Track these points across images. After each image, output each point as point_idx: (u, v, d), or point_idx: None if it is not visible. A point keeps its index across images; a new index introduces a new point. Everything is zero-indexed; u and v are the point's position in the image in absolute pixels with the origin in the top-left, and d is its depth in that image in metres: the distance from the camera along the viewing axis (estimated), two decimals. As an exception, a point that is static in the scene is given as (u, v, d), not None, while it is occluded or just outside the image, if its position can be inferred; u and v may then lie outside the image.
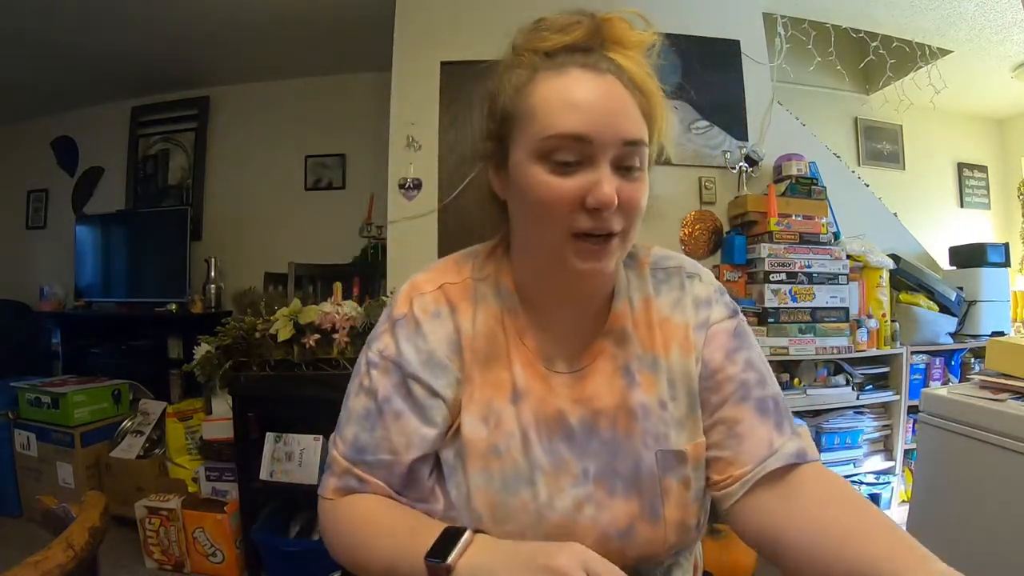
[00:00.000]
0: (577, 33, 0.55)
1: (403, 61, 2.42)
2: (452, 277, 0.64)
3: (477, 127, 0.64)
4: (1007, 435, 1.16)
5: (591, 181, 0.53)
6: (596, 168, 0.53)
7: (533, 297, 0.63)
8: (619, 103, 0.54)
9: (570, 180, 0.53)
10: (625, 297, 0.65)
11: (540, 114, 0.54)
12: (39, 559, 0.53)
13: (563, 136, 0.53)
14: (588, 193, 0.53)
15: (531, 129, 0.55)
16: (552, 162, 0.54)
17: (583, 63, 0.54)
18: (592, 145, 0.53)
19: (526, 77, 0.56)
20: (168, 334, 3.03)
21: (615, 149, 0.53)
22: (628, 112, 0.54)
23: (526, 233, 0.60)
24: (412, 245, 2.35)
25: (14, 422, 2.40)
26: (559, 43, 0.55)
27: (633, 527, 0.58)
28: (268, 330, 1.85)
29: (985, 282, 2.41)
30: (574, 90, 0.53)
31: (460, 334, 0.61)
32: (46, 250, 3.73)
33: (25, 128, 3.77)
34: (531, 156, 0.55)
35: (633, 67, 0.56)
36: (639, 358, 0.62)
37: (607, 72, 0.54)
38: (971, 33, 2.81)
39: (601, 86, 0.54)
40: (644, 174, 0.57)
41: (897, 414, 2.26)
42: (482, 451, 0.58)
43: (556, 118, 0.53)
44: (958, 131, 3.69)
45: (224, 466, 1.94)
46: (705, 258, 2.43)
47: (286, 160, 3.44)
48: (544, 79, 0.55)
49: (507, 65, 0.59)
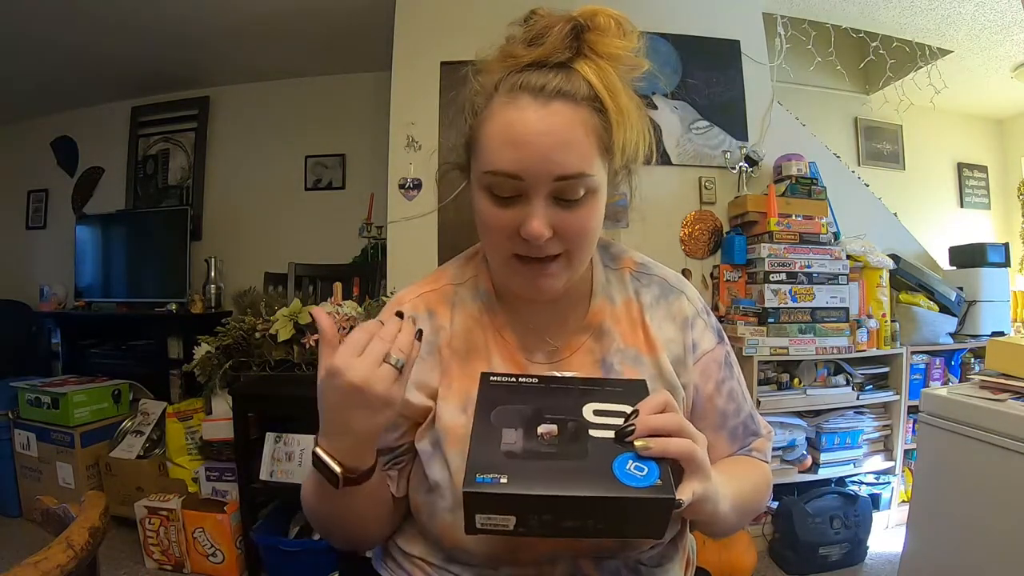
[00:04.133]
0: (546, 46, 0.56)
1: (403, 61, 2.42)
2: (431, 286, 0.70)
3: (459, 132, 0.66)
4: (1007, 435, 1.16)
5: (524, 214, 0.56)
6: (529, 203, 0.56)
7: (508, 297, 0.68)
8: (560, 135, 0.55)
9: (507, 211, 0.57)
10: (604, 296, 0.68)
11: (484, 149, 0.58)
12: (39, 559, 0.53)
13: (497, 174, 0.56)
14: (521, 225, 0.56)
15: (478, 161, 0.59)
16: (492, 194, 0.58)
17: (535, 85, 0.55)
18: (524, 183, 0.55)
19: (483, 102, 0.59)
20: (168, 334, 3.03)
21: (547, 186, 0.55)
22: (570, 143, 0.55)
23: (484, 246, 0.65)
24: (412, 245, 2.35)
25: (14, 422, 2.40)
26: (526, 60, 0.56)
27: None
28: (268, 330, 1.85)
29: (985, 282, 2.41)
30: (516, 127, 0.55)
31: (438, 334, 0.66)
32: (46, 250, 3.73)
33: (25, 128, 3.77)
34: (477, 184, 0.59)
35: (598, 81, 0.56)
36: (620, 352, 0.66)
37: (557, 96, 0.55)
38: (971, 33, 2.81)
39: (544, 121, 0.54)
40: (594, 197, 0.58)
41: (897, 414, 2.26)
42: (460, 436, 0.60)
43: (494, 155, 0.56)
44: (958, 131, 3.69)
45: (224, 466, 1.94)
46: (705, 258, 2.43)
47: (286, 160, 3.44)
48: (496, 109, 0.57)
49: (470, 85, 0.61)
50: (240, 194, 3.46)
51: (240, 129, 3.49)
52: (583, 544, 0.59)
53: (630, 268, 0.71)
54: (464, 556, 0.60)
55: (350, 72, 3.34)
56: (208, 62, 3.20)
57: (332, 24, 2.80)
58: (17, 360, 3.13)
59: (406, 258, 2.35)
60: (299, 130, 3.43)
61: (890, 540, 2.11)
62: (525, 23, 0.60)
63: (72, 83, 3.31)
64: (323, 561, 1.62)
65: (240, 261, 3.32)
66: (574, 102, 0.55)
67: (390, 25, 2.44)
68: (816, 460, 2.17)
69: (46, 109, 3.65)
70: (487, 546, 0.59)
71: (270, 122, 3.45)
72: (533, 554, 0.59)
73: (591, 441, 0.48)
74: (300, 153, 3.44)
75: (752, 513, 0.66)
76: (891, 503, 2.25)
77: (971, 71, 3.14)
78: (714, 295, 2.39)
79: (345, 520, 0.63)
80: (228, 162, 3.50)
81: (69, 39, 2.79)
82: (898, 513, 2.22)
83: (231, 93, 3.50)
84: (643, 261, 0.72)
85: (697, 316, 0.69)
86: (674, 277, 0.72)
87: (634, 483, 0.45)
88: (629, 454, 0.47)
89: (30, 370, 2.99)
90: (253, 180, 3.46)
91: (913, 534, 1.41)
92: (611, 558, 0.61)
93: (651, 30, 2.42)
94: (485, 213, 0.58)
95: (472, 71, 0.62)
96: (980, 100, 3.53)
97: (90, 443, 2.30)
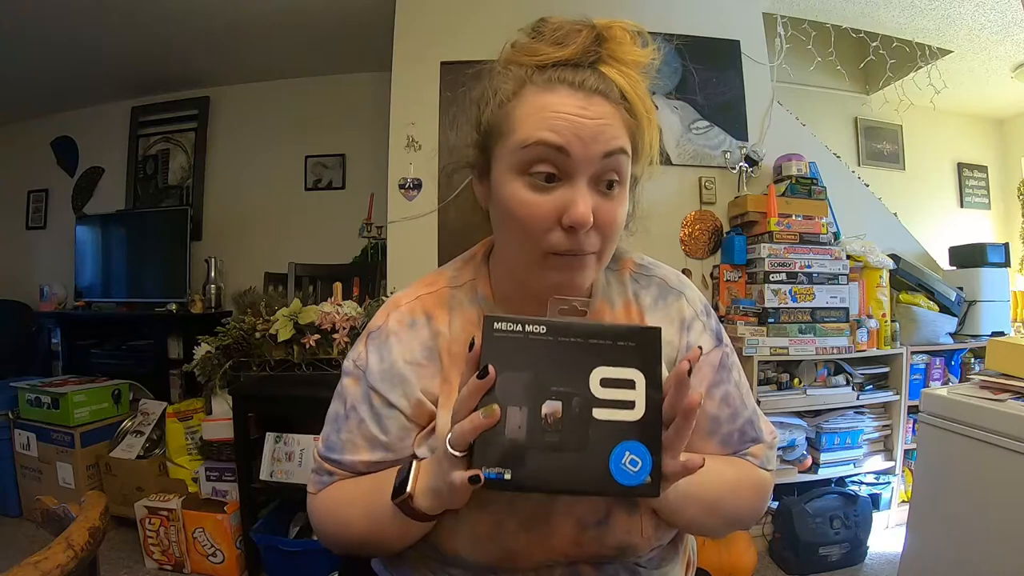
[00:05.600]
0: (572, 48, 0.55)
1: (403, 61, 2.42)
2: (428, 288, 0.68)
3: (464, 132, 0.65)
4: (1007, 435, 1.16)
5: (567, 199, 0.54)
6: (573, 185, 0.54)
7: (509, 302, 0.65)
8: (602, 119, 0.54)
9: (547, 197, 0.54)
10: (603, 298, 0.67)
11: (521, 126, 0.55)
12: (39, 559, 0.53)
13: (542, 144, 0.53)
14: (564, 212, 0.53)
15: (512, 140, 0.55)
16: (530, 176, 0.54)
17: (572, 81, 0.54)
18: (570, 159, 0.53)
19: (512, 91, 0.56)
20: (168, 334, 3.03)
21: (594, 165, 0.54)
22: (611, 126, 0.54)
23: (505, 245, 0.62)
24: (412, 245, 2.35)
25: (14, 422, 2.40)
26: (551, 58, 0.55)
27: (610, 516, 0.59)
28: (268, 330, 1.85)
29: (985, 282, 2.41)
30: (557, 105, 0.53)
31: (437, 339, 0.64)
32: (46, 250, 3.73)
33: (25, 128, 3.77)
34: (510, 170, 0.55)
35: (626, 85, 0.56)
36: None
37: (595, 93, 0.54)
38: (971, 33, 2.81)
39: (588, 109, 0.54)
40: (624, 191, 0.57)
41: (897, 414, 2.26)
42: None
43: (536, 129, 0.53)
44: (958, 131, 3.69)
45: (224, 466, 1.94)
46: (705, 258, 2.43)
47: (286, 160, 3.44)
48: (530, 94, 0.55)
49: (495, 75, 0.59)
50: (240, 194, 3.46)
51: (240, 129, 3.49)
52: (582, 550, 0.59)
53: (630, 269, 0.69)
54: (462, 562, 0.60)
55: (350, 72, 3.34)
56: (208, 62, 3.20)
57: (332, 24, 2.80)
58: (17, 360, 3.13)
59: (406, 258, 2.35)
60: (299, 130, 3.43)
61: (890, 540, 2.11)
62: (535, 31, 0.59)
63: (72, 83, 3.31)
64: (323, 561, 1.62)
65: (240, 261, 3.32)
66: (610, 100, 0.55)
67: (390, 25, 2.44)
68: (816, 460, 2.17)
69: (46, 109, 3.65)
70: (485, 554, 0.58)
71: (270, 122, 3.45)
72: (531, 562, 0.59)
73: (593, 426, 0.49)
74: (300, 153, 3.44)
75: (729, 513, 0.63)
76: (891, 503, 2.25)
77: (971, 71, 3.14)
78: (714, 295, 2.39)
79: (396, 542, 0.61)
80: (228, 162, 3.50)
81: (69, 39, 2.79)
82: (898, 513, 2.22)
83: (231, 93, 3.50)
84: (643, 262, 0.71)
85: (696, 318, 0.67)
86: (674, 277, 0.70)
87: (626, 480, 0.48)
88: (628, 444, 0.49)
89: (30, 370, 2.99)
90: (253, 180, 3.46)
91: (913, 534, 1.41)
92: (610, 563, 0.60)
93: (651, 30, 2.39)
94: (519, 203, 0.55)
95: (499, 63, 0.60)
96: (980, 100, 3.53)
97: (90, 443, 2.30)
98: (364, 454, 0.62)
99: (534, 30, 0.59)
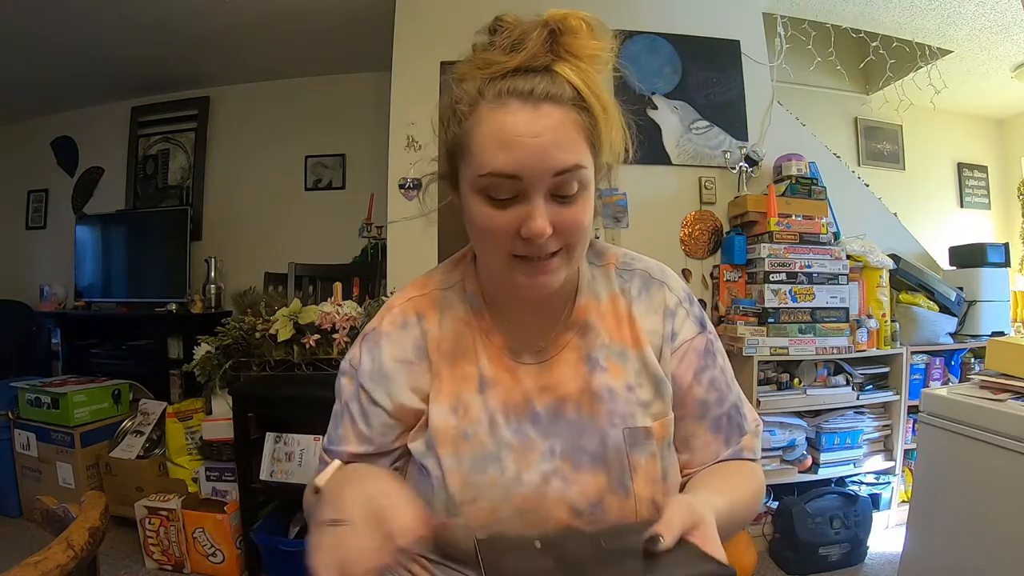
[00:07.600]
0: (524, 54, 0.56)
1: (403, 61, 2.42)
2: (419, 290, 0.71)
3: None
4: (1007, 435, 1.17)
5: (524, 214, 0.56)
6: (529, 202, 0.56)
7: (496, 300, 0.69)
8: (552, 135, 0.55)
9: (506, 213, 0.57)
10: (589, 292, 0.69)
11: (477, 152, 0.57)
12: (39, 559, 0.53)
13: (496, 175, 0.55)
14: (522, 225, 0.56)
15: (471, 166, 0.58)
16: (489, 197, 0.57)
17: (522, 91, 0.55)
18: (523, 182, 0.55)
19: (467, 110, 0.58)
20: (168, 334, 3.03)
21: (547, 183, 0.56)
22: (562, 142, 0.55)
23: (477, 249, 0.66)
24: (412, 245, 2.35)
25: (14, 422, 2.40)
26: (503, 68, 0.56)
27: (603, 500, 0.61)
28: (268, 330, 1.85)
29: (985, 282, 2.41)
30: (508, 129, 0.55)
31: (427, 338, 0.68)
32: (46, 250, 3.73)
33: (25, 128, 3.77)
34: (472, 189, 0.58)
35: (580, 82, 0.56)
36: (606, 347, 0.67)
37: (545, 100, 0.55)
38: (971, 33, 2.81)
39: (535, 121, 0.55)
40: (586, 193, 0.59)
41: (897, 414, 2.26)
42: (452, 437, 0.63)
43: (489, 157, 0.55)
44: (958, 131, 3.69)
45: (224, 466, 1.94)
46: (705, 258, 2.43)
47: (286, 160, 3.44)
48: (484, 114, 0.56)
49: (453, 89, 0.60)
50: (240, 194, 3.46)
51: (240, 129, 3.48)
52: None
53: (614, 264, 0.72)
54: (457, 554, 0.61)
55: (350, 72, 3.34)
56: (208, 62, 3.20)
57: (332, 24, 2.80)
58: (17, 360, 3.13)
59: (406, 258, 2.35)
60: (299, 130, 3.43)
61: (890, 540, 2.11)
62: (493, 32, 0.59)
63: (72, 83, 3.31)
64: (323, 561, 1.62)
65: (240, 261, 3.32)
66: (561, 104, 0.56)
67: (390, 25, 2.44)
68: (816, 460, 2.17)
69: (46, 109, 3.65)
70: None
71: (270, 122, 3.45)
72: None
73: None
74: (300, 153, 3.44)
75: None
76: (891, 503, 2.25)
77: (971, 71, 3.14)
78: (714, 295, 2.39)
79: None
80: (228, 162, 3.50)
81: (69, 39, 2.79)
82: (898, 513, 2.22)
83: (231, 93, 3.50)
84: (626, 257, 0.73)
85: (679, 305, 0.69)
86: (656, 268, 0.72)
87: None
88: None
89: (30, 370, 2.99)
90: (253, 180, 3.46)
91: (913, 534, 1.41)
92: None
93: (651, 30, 2.42)
94: (482, 217, 0.58)
95: (452, 79, 0.61)
96: (980, 100, 3.53)
97: (90, 443, 2.30)
98: (352, 446, 0.66)
99: (490, 31, 0.60)
